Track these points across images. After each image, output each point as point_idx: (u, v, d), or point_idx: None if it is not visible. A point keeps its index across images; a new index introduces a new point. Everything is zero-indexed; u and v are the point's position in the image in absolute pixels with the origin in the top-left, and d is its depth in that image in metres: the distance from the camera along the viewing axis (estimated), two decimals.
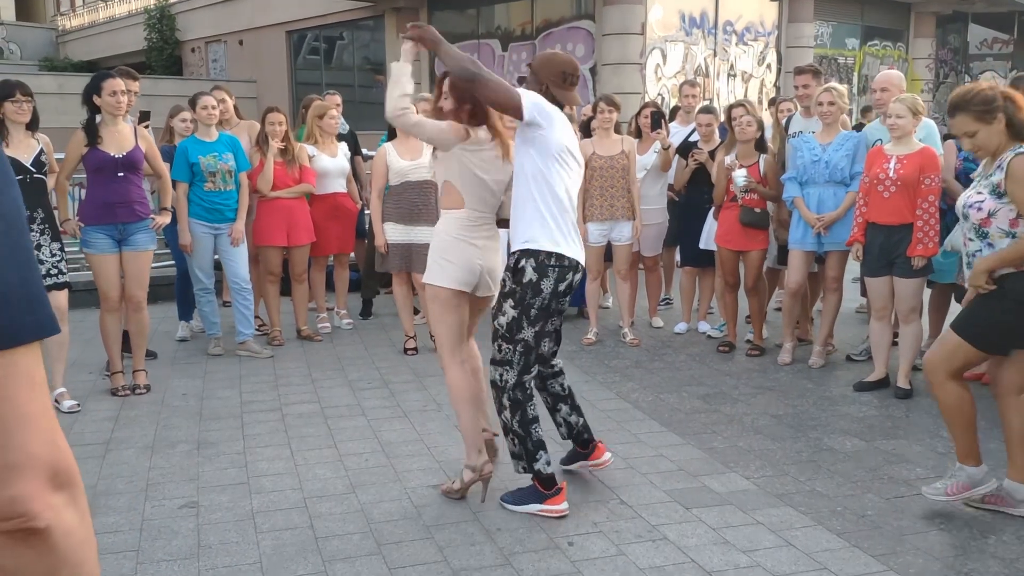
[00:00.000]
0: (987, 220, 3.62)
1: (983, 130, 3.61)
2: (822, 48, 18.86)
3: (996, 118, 3.57)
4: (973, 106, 3.60)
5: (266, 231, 6.60)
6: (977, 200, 3.66)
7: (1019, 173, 3.52)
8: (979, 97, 3.60)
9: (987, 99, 3.59)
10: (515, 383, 3.81)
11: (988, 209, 3.60)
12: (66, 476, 0.96)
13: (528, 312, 3.75)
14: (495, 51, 16.70)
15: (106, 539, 3.60)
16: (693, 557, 3.43)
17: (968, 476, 3.73)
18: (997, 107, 3.57)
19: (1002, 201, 3.58)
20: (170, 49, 25.76)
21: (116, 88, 5.24)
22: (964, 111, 3.63)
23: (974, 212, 3.66)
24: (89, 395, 5.52)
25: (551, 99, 3.80)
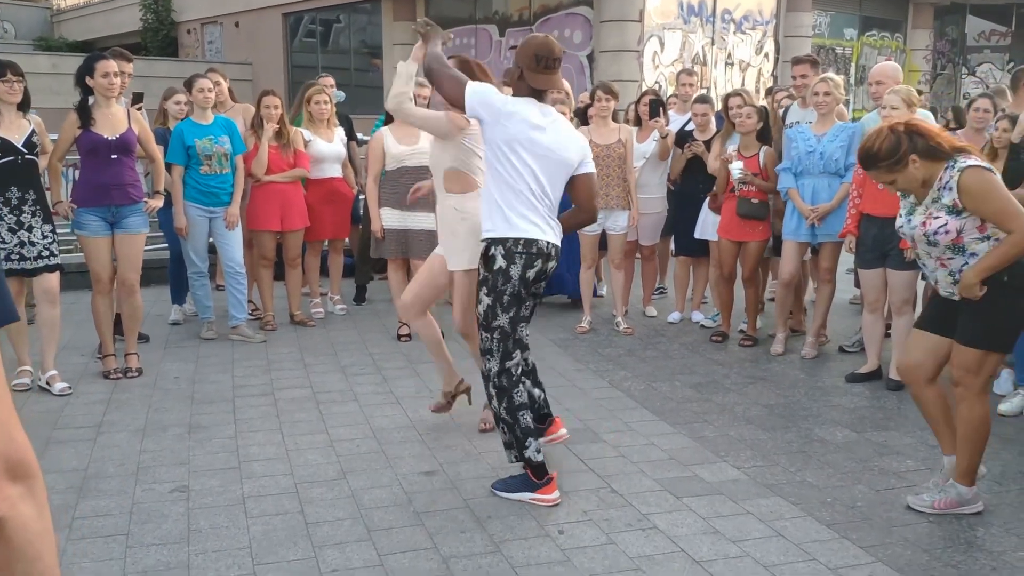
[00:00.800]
0: (959, 238, 3.56)
1: (900, 177, 3.55)
2: (820, 38, 18.82)
3: (907, 162, 3.51)
4: (880, 162, 3.53)
5: (260, 215, 6.58)
6: (940, 225, 3.55)
7: (973, 188, 3.45)
8: (883, 152, 3.52)
9: (891, 151, 3.50)
10: (498, 370, 3.83)
11: (955, 228, 3.54)
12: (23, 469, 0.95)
13: (501, 299, 3.78)
14: (492, 36, 16.63)
15: (96, 522, 3.60)
16: (683, 546, 3.44)
17: (959, 494, 3.70)
18: (903, 153, 3.49)
19: (963, 216, 3.51)
20: (166, 30, 25.58)
21: (109, 70, 5.20)
22: (875, 168, 3.57)
23: (943, 236, 3.56)
24: (81, 378, 5.51)
25: (525, 85, 3.80)
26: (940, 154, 3.52)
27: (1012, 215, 3.44)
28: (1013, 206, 3.46)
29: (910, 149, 3.50)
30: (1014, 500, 3.89)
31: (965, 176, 3.47)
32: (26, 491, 0.96)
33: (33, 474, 0.98)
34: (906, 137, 3.51)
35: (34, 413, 4.88)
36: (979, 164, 3.50)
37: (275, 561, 3.31)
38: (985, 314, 3.57)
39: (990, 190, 3.46)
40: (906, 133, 3.51)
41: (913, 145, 3.50)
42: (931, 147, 3.51)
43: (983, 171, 3.48)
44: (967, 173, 3.47)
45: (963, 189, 3.47)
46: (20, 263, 5.10)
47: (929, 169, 3.54)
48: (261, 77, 20.67)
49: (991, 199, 3.46)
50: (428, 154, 6.24)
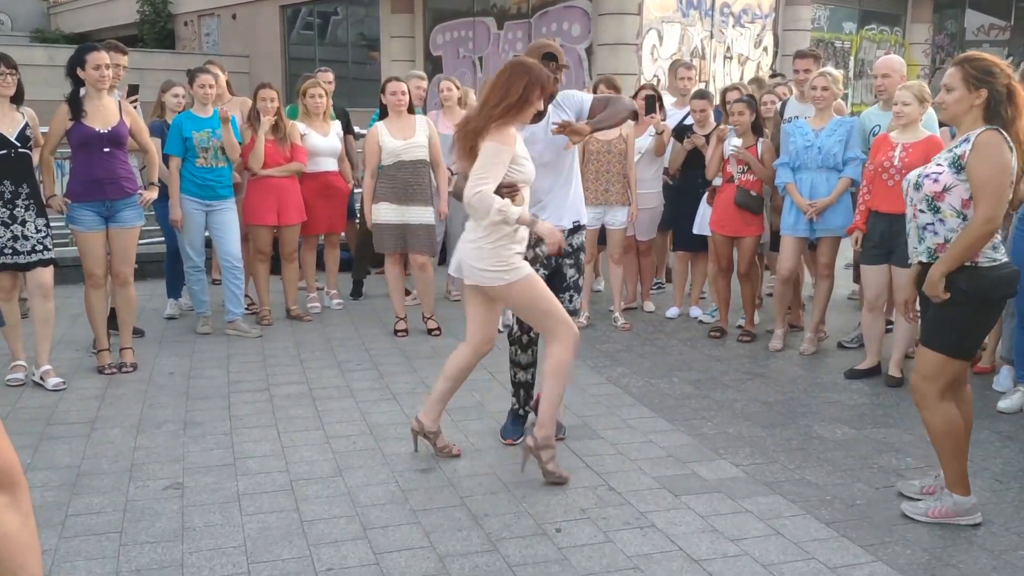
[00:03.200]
0: (941, 194, 3.46)
1: (960, 93, 3.46)
2: (819, 32, 18.77)
3: (976, 89, 3.41)
4: (970, 66, 3.46)
5: (256, 210, 6.54)
6: (935, 171, 3.50)
7: (983, 147, 3.37)
8: (980, 64, 3.44)
9: (984, 69, 3.42)
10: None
11: (944, 183, 3.45)
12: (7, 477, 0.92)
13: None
14: (490, 29, 16.57)
15: (89, 520, 3.57)
16: (681, 545, 3.42)
17: (955, 504, 3.59)
18: (987, 82, 3.40)
19: (959, 177, 3.42)
20: (163, 22, 25.49)
21: (101, 62, 5.15)
22: (960, 67, 3.49)
23: (929, 182, 3.49)
24: (75, 373, 5.47)
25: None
26: (996, 115, 3.39)
27: (988, 195, 3.35)
28: (996, 187, 3.35)
29: (991, 88, 3.38)
30: (1014, 498, 3.87)
31: (985, 133, 3.39)
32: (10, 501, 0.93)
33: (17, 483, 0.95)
34: (1003, 83, 3.39)
35: (28, 409, 4.84)
36: (1006, 136, 3.38)
37: (270, 559, 3.28)
38: (945, 319, 3.51)
39: (993, 157, 3.36)
40: (1006, 83, 3.39)
41: (995, 91, 3.38)
42: (999, 103, 3.38)
43: (1003, 140, 3.37)
44: (988, 132, 3.38)
45: (976, 144, 3.38)
46: (13, 257, 5.06)
47: (975, 116, 3.43)
48: (258, 70, 20.59)
49: (986, 165, 3.36)
50: (424, 147, 6.25)
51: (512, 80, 3.74)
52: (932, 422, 3.58)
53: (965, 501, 3.59)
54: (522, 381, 4.53)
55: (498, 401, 5.04)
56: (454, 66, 16.96)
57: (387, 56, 17.83)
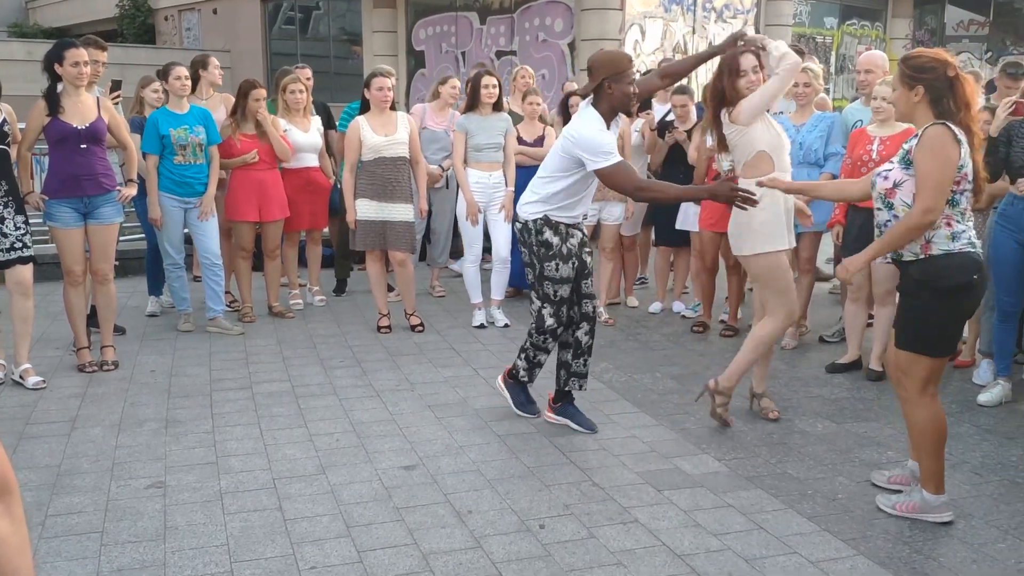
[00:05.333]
0: (892, 191, 3.48)
1: (899, 91, 3.50)
2: (800, 27, 18.83)
3: (915, 88, 3.43)
4: (905, 65, 3.49)
5: (238, 206, 6.51)
6: (886, 168, 3.53)
7: (927, 141, 3.37)
8: (914, 62, 3.47)
9: (918, 66, 3.44)
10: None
11: (894, 179, 3.47)
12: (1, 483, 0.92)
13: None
14: (473, 24, 16.53)
15: (69, 520, 3.54)
16: (664, 540, 3.43)
17: (923, 500, 3.60)
18: (922, 79, 3.41)
19: (908, 172, 3.43)
20: (142, 17, 25.28)
21: (79, 58, 5.10)
22: (899, 66, 3.53)
23: (880, 180, 3.52)
24: (55, 371, 5.43)
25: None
26: (941, 109, 3.40)
27: (930, 188, 3.34)
28: (938, 180, 3.34)
29: (929, 83, 3.40)
30: (994, 492, 3.90)
31: (932, 128, 3.39)
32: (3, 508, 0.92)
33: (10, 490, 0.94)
34: (944, 76, 3.40)
35: (7, 408, 4.80)
36: (953, 129, 3.37)
37: (253, 558, 3.27)
38: (909, 317, 3.53)
39: (936, 151, 3.34)
40: (946, 76, 3.40)
41: (933, 86, 3.40)
42: (941, 98, 3.39)
43: (949, 134, 3.36)
44: (935, 127, 3.38)
45: (922, 138, 3.40)
46: None
47: (921, 114, 3.45)
48: (239, 65, 20.47)
49: (929, 159, 3.35)
50: (405, 144, 6.23)
51: None
52: (913, 420, 3.61)
53: (934, 499, 3.59)
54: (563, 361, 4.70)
55: (482, 397, 5.04)
56: (437, 61, 16.92)
57: (369, 51, 17.75)
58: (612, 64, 4.30)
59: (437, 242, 7.75)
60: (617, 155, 4.24)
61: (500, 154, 6.51)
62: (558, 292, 4.48)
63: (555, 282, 4.47)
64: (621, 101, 4.31)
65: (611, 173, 4.22)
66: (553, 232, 4.45)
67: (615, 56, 4.40)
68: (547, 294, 4.48)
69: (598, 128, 4.28)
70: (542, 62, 14.88)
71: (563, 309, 4.52)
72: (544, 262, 4.46)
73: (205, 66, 6.99)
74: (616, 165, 4.22)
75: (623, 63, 4.32)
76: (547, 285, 4.48)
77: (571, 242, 4.48)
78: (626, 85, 4.28)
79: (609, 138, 4.28)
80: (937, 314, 3.47)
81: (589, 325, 4.61)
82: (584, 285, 4.58)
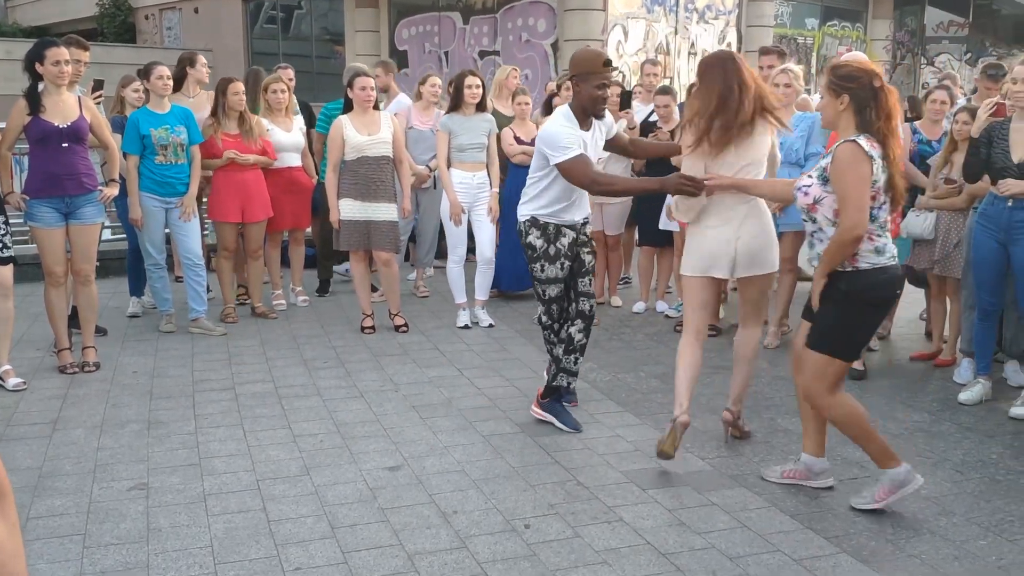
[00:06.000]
0: (813, 206, 3.56)
1: (826, 99, 3.58)
2: (782, 28, 18.92)
3: (840, 97, 3.50)
4: (832, 74, 3.56)
5: (221, 206, 6.47)
6: (805, 184, 3.59)
7: (839, 162, 3.44)
8: (841, 71, 3.54)
9: (845, 75, 3.51)
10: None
11: (814, 196, 3.54)
12: None
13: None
14: (456, 24, 16.52)
15: (51, 522, 3.52)
16: (649, 539, 3.44)
17: (891, 479, 3.66)
18: (847, 88, 3.48)
19: (827, 189, 3.51)
20: (123, 16, 25.10)
21: (60, 57, 5.07)
22: (828, 75, 3.60)
23: (800, 196, 3.59)
24: (36, 373, 5.39)
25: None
26: (864, 122, 3.47)
27: (850, 205, 3.41)
28: (856, 198, 3.40)
29: (855, 93, 3.47)
30: (974, 489, 3.93)
31: (842, 146, 3.46)
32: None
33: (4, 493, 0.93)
34: (868, 86, 3.47)
35: None
36: (863, 145, 3.42)
37: (237, 560, 3.25)
38: (827, 322, 3.61)
39: (846, 170, 3.42)
40: (871, 86, 3.47)
41: (858, 96, 3.46)
42: (864, 107, 3.46)
43: (859, 151, 3.41)
44: (846, 145, 3.45)
45: (834, 158, 3.48)
46: None
47: (845, 123, 3.51)
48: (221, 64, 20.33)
49: (843, 178, 3.43)
50: (388, 144, 6.23)
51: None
52: (833, 417, 3.70)
53: (900, 472, 3.65)
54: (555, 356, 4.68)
55: (467, 398, 5.04)
56: (420, 61, 16.90)
57: (351, 50, 17.70)
58: (580, 63, 4.36)
59: (423, 243, 7.73)
60: (576, 149, 4.23)
61: (484, 154, 6.51)
62: (547, 292, 4.55)
63: (542, 282, 4.54)
64: (587, 102, 4.32)
65: (567, 167, 4.25)
66: (540, 233, 4.48)
67: (585, 56, 4.43)
68: (538, 293, 4.61)
69: (561, 124, 4.32)
70: (525, 62, 14.89)
71: (553, 307, 4.59)
72: (530, 263, 4.56)
73: (193, 64, 6.98)
74: (572, 159, 4.23)
75: (591, 64, 4.32)
76: (537, 285, 4.59)
77: (561, 242, 4.49)
78: (592, 88, 4.28)
79: (568, 133, 4.28)
80: (857, 323, 3.60)
81: (584, 323, 4.58)
82: (581, 283, 4.58)
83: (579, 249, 4.57)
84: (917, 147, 5.95)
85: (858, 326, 3.62)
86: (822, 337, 3.64)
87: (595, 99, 4.31)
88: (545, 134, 4.34)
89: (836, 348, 3.61)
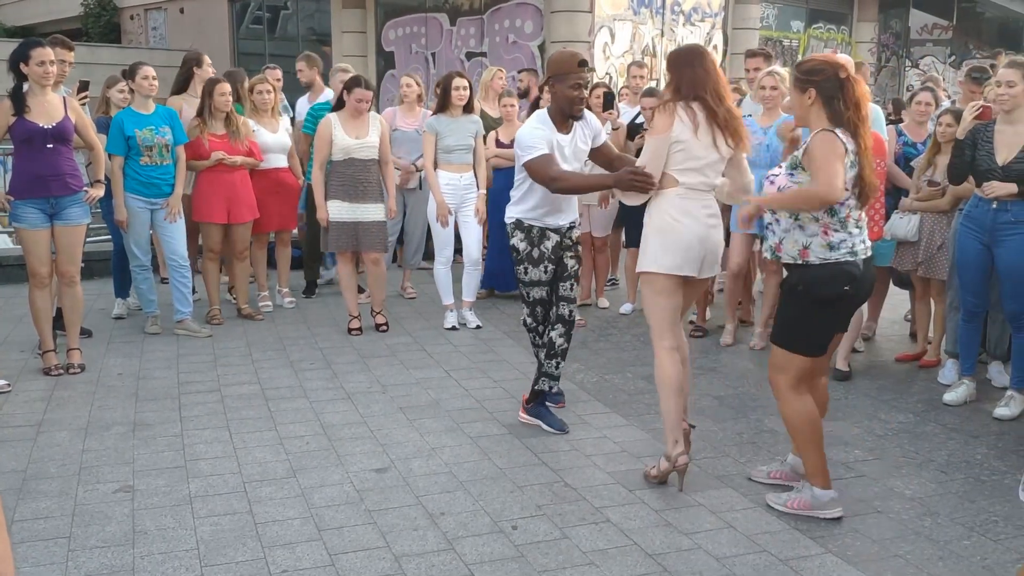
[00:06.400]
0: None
1: (795, 96, 3.57)
2: (768, 30, 19.00)
3: (807, 91, 3.48)
4: (797, 70, 3.57)
5: (206, 207, 6.45)
6: (773, 174, 3.60)
7: (813, 144, 3.43)
8: (805, 66, 3.54)
9: (808, 70, 3.51)
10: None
11: (779, 185, 3.54)
12: None
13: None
14: (443, 25, 16.51)
15: (36, 525, 3.50)
16: (636, 540, 3.44)
17: (813, 496, 3.65)
18: (812, 82, 3.47)
19: (794, 179, 3.50)
20: (108, 16, 24.97)
21: (45, 58, 5.04)
22: (794, 71, 3.60)
23: (767, 185, 3.60)
24: (20, 374, 5.35)
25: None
26: (833, 110, 3.44)
27: (826, 174, 3.37)
28: (832, 170, 3.36)
29: (820, 85, 3.45)
30: (959, 489, 3.96)
31: (818, 134, 3.44)
32: None
33: None
34: (833, 76, 3.44)
35: None
36: (838, 134, 3.41)
37: (223, 562, 3.24)
38: (785, 316, 3.63)
39: (819, 146, 3.40)
40: (837, 76, 3.44)
41: (824, 88, 3.44)
42: (832, 99, 3.43)
43: (834, 138, 3.41)
44: (821, 133, 3.43)
45: (809, 145, 3.46)
46: None
47: (815, 117, 3.49)
48: None
49: (816, 153, 3.40)
50: (376, 147, 6.22)
51: None
52: (785, 413, 3.68)
53: (824, 494, 3.63)
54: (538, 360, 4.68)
55: (454, 399, 5.04)
56: (407, 62, 16.88)
57: (338, 51, 17.65)
58: (556, 65, 4.38)
59: (410, 243, 7.72)
60: (540, 149, 4.24)
61: (471, 156, 6.51)
62: (531, 294, 4.57)
63: (526, 284, 4.56)
64: (563, 102, 4.32)
65: (531, 166, 4.27)
66: (524, 236, 4.51)
67: (561, 57, 4.42)
68: (523, 295, 4.63)
69: (532, 126, 4.36)
70: (512, 64, 14.88)
71: (538, 310, 4.61)
72: (515, 265, 4.59)
73: (200, 63, 6.96)
74: (536, 158, 4.24)
75: (566, 65, 4.32)
76: (521, 287, 4.61)
77: (545, 244, 4.50)
78: (568, 88, 4.28)
79: (536, 134, 4.29)
80: (810, 319, 3.57)
81: (564, 328, 4.57)
82: (562, 288, 4.57)
83: (563, 253, 4.56)
84: (902, 149, 5.99)
85: (810, 322, 3.56)
86: (779, 330, 3.66)
87: (571, 99, 4.30)
88: (518, 136, 4.41)
89: (792, 342, 3.59)
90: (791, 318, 3.61)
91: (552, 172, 4.26)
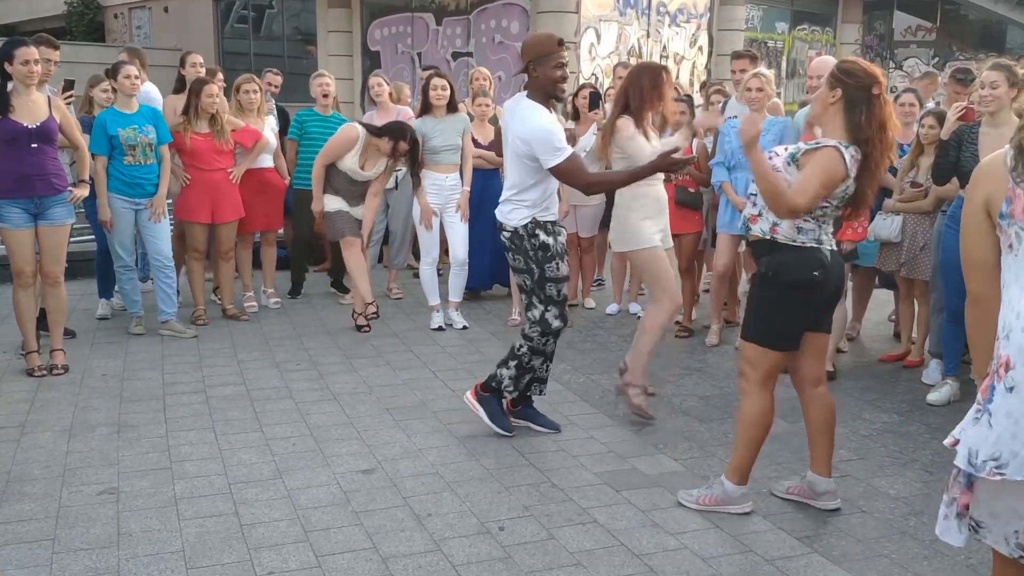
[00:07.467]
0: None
1: (823, 91, 3.49)
2: (752, 31, 19.07)
3: (834, 90, 3.42)
4: (836, 67, 3.49)
5: (190, 206, 6.42)
6: (776, 152, 3.54)
7: (819, 156, 3.36)
8: (845, 66, 3.47)
9: (846, 70, 3.43)
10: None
11: (775, 164, 3.46)
12: None
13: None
14: (429, 25, 16.50)
15: (20, 528, 3.47)
16: (623, 540, 3.45)
17: (725, 492, 3.67)
18: (843, 83, 3.40)
19: (790, 170, 3.44)
20: (92, 14, 24.83)
21: (29, 57, 5.00)
22: (834, 67, 3.51)
23: (772, 156, 3.51)
24: (3, 376, 5.31)
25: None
26: (853, 119, 3.38)
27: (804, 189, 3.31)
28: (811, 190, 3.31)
29: (849, 89, 3.39)
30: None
31: (829, 149, 3.36)
32: None
33: None
34: (866, 87, 3.37)
35: None
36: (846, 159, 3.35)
37: (209, 565, 3.23)
38: (755, 310, 3.61)
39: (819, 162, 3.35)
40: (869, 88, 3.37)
41: (851, 94, 3.38)
42: (855, 108, 3.37)
43: (839, 161, 3.34)
44: (833, 151, 3.36)
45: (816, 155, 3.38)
46: None
47: (831, 117, 3.44)
48: None
49: (810, 172, 3.35)
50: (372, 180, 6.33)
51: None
52: (744, 408, 3.66)
53: (735, 490, 3.66)
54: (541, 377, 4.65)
55: (441, 400, 5.03)
56: (392, 62, 16.86)
57: (324, 51, 17.62)
58: (535, 47, 4.21)
59: (394, 242, 7.72)
60: (568, 148, 4.15)
61: (458, 155, 6.52)
62: (561, 291, 4.37)
63: (557, 281, 4.34)
64: (548, 85, 4.20)
65: (566, 170, 4.14)
66: (546, 233, 4.34)
67: (539, 39, 4.30)
68: (550, 296, 4.34)
69: (545, 118, 4.17)
70: (498, 64, 14.89)
71: (565, 307, 4.43)
72: (544, 264, 4.31)
73: (183, 63, 7.02)
74: (570, 160, 4.13)
75: (547, 46, 4.20)
76: (549, 287, 4.33)
77: (560, 239, 4.41)
78: (551, 69, 4.17)
79: (559, 128, 4.21)
80: (780, 309, 3.52)
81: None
82: None
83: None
84: None
85: (780, 313, 3.52)
86: (749, 324, 3.62)
87: (554, 80, 4.19)
88: (534, 135, 4.12)
89: (761, 335, 3.55)
90: (761, 309, 3.57)
91: (588, 176, 4.28)
